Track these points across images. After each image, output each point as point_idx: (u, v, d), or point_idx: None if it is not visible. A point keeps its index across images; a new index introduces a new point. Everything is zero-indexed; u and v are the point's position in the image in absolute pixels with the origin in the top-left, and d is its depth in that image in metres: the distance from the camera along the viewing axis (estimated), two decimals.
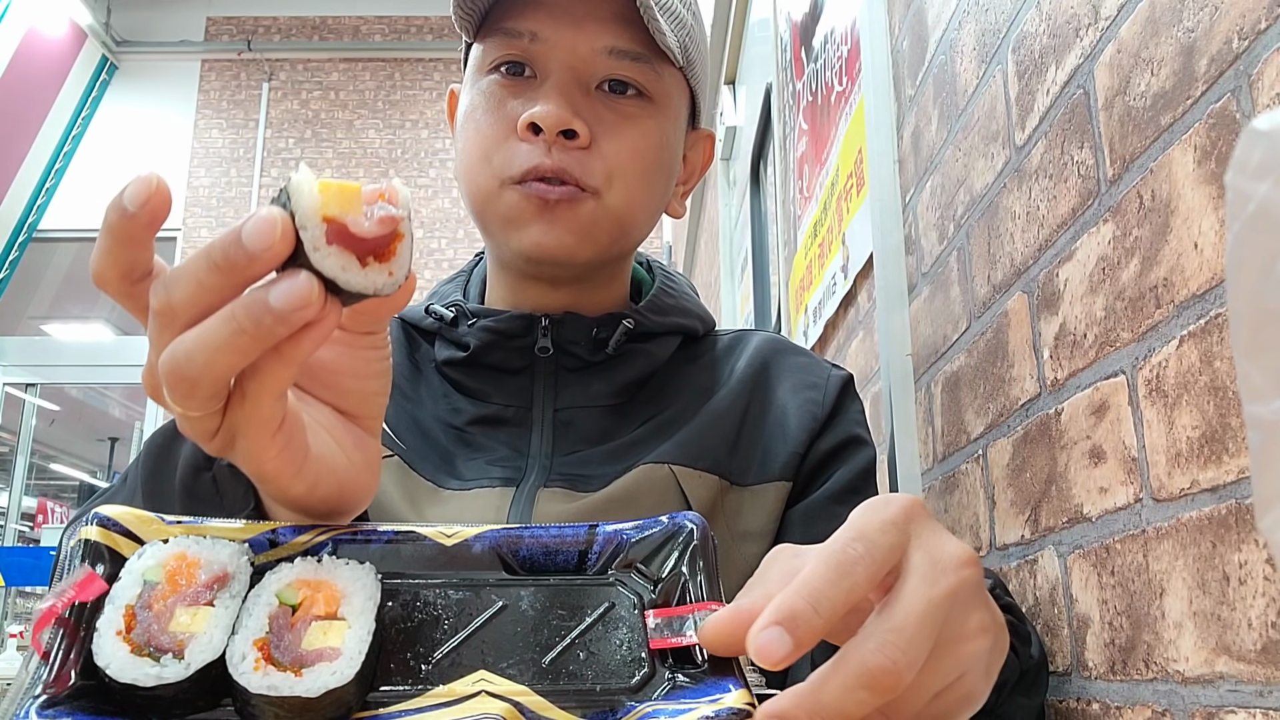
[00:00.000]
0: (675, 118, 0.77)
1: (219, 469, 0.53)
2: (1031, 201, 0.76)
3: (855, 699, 0.37)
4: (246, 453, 0.42)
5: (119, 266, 0.39)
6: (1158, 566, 0.57)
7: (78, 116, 7.61)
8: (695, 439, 0.74)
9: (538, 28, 0.71)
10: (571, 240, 0.71)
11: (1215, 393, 0.51)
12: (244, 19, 8.36)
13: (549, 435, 0.76)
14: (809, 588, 0.37)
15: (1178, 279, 0.55)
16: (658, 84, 0.74)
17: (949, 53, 0.97)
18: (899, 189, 1.17)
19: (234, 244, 0.37)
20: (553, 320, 0.77)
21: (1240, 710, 0.49)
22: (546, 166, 0.70)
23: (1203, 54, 0.52)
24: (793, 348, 0.85)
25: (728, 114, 3.35)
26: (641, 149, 0.73)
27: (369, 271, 0.38)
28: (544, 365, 0.77)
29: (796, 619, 0.37)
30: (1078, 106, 0.68)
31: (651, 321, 0.80)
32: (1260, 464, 0.27)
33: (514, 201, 0.71)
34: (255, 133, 8.14)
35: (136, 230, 0.38)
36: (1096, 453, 0.65)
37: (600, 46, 0.71)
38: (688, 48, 0.75)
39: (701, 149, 0.85)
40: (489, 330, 0.76)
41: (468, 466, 0.74)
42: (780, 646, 0.36)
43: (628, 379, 0.78)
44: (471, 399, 0.77)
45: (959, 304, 0.94)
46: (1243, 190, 0.27)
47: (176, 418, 0.42)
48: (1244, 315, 0.27)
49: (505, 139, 0.72)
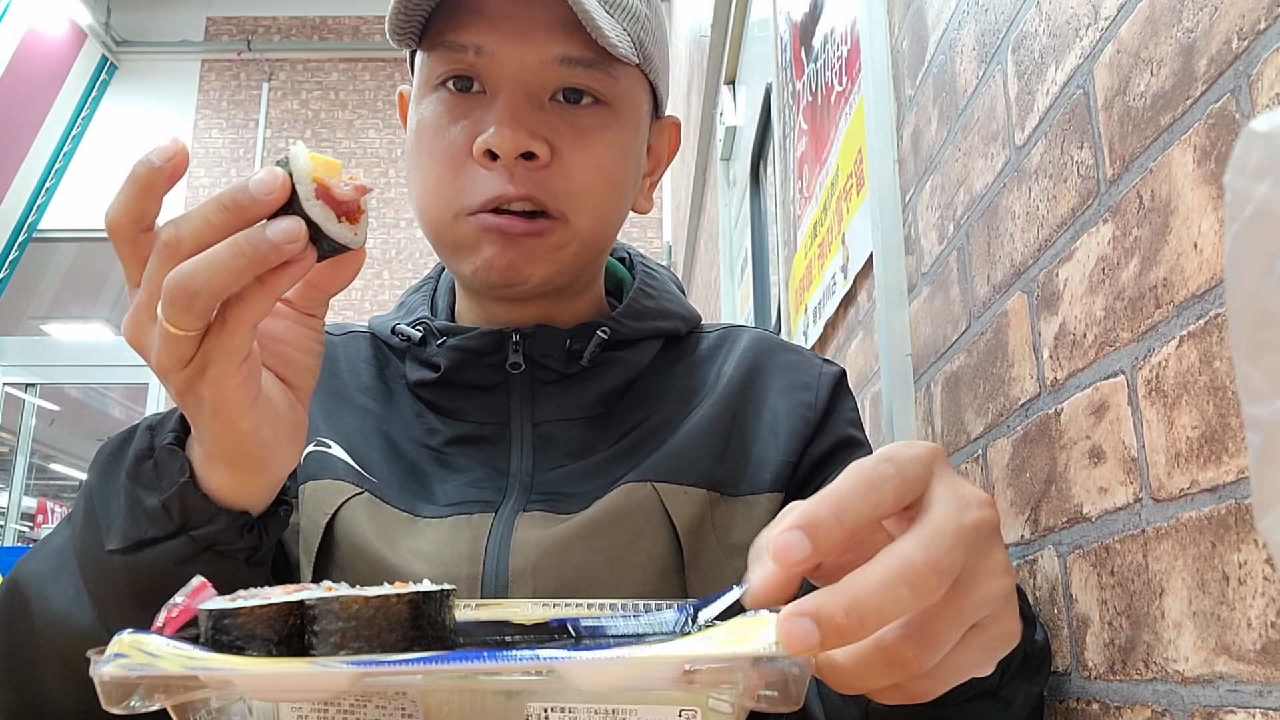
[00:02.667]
0: (635, 119, 0.74)
1: (160, 451, 0.55)
2: (1031, 201, 0.76)
3: (895, 596, 0.35)
4: (214, 380, 0.49)
5: (134, 213, 0.47)
6: (1157, 566, 0.57)
7: (77, 116, 7.61)
8: (680, 452, 0.73)
9: (482, 40, 0.68)
10: (530, 267, 0.69)
11: (1215, 393, 0.51)
12: (244, 19, 8.36)
13: (529, 452, 0.74)
14: (836, 498, 0.37)
15: (1177, 279, 0.55)
16: (614, 88, 0.71)
17: (949, 53, 0.97)
18: (899, 189, 1.17)
19: (241, 190, 0.45)
20: (524, 334, 0.74)
21: (1240, 710, 0.49)
22: (511, 195, 0.67)
23: (1202, 54, 0.52)
24: (781, 345, 0.83)
25: (728, 114, 3.35)
26: (604, 162, 0.71)
27: (342, 227, 0.48)
28: (519, 380, 0.75)
29: (818, 525, 0.36)
30: (1077, 106, 0.68)
31: (628, 328, 0.77)
32: (1260, 465, 0.27)
33: (468, 233, 0.69)
34: (255, 133, 8.14)
35: (158, 181, 0.46)
36: (1096, 453, 0.65)
37: (550, 57, 0.68)
38: (643, 43, 0.72)
39: (666, 137, 0.82)
40: (458, 350, 0.74)
41: (445, 490, 0.72)
42: (799, 549, 0.36)
43: (607, 389, 0.76)
44: (447, 418, 0.76)
45: (959, 304, 0.94)
46: (1241, 191, 0.27)
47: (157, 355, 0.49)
48: (1243, 316, 0.27)
49: (459, 166, 0.69)
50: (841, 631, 0.35)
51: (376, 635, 0.42)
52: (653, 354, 0.79)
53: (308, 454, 0.73)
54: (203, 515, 0.54)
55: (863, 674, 0.37)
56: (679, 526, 0.70)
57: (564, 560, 0.68)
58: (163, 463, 0.55)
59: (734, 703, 0.39)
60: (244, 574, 0.58)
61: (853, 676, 0.37)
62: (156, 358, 0.49)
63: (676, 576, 0.69)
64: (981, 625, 0.39)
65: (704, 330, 0.84)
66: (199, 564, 0.54)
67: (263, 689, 0.42)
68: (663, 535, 0.70)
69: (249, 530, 0.56)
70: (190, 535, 0.54)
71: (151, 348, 0.49)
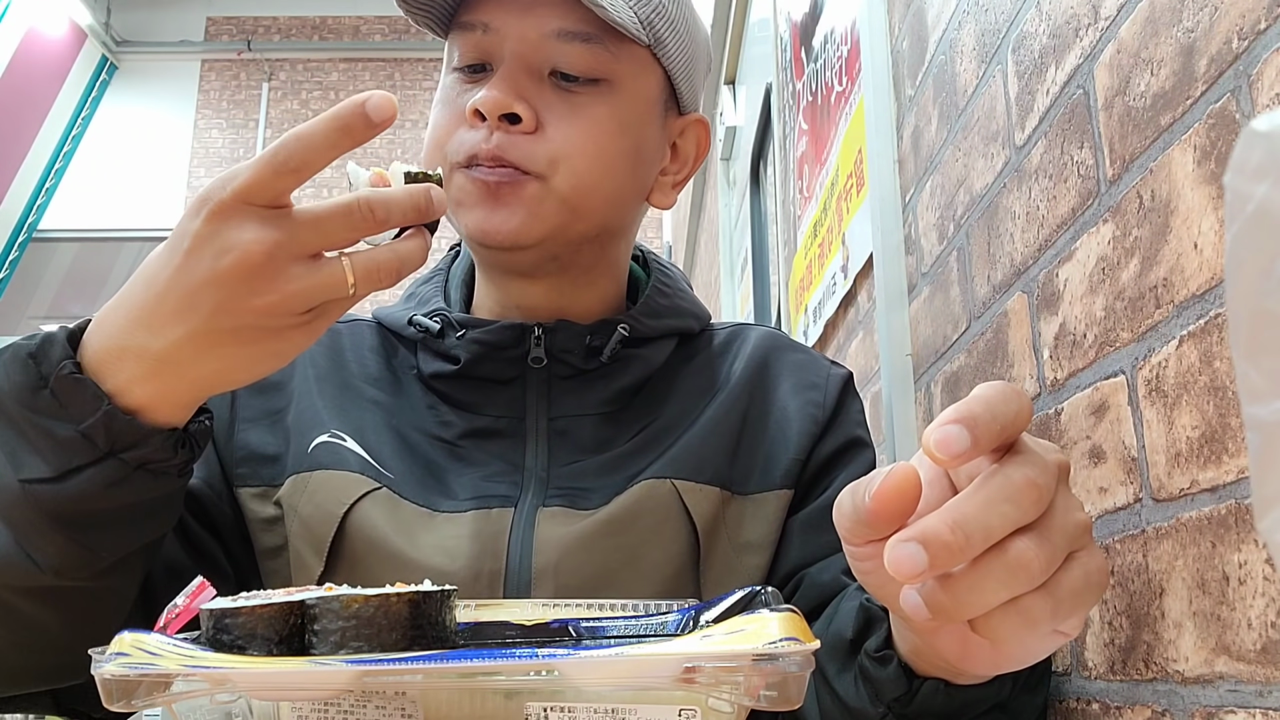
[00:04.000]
0: (637, 98, 0.73)
1: (58, 380, 0.52)
2: (1031, 201, 0.76)
3: (999, 511, 0.36)
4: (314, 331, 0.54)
5: (328, 152, 0.51)
6: (1157, 566, 0.57)
7: (77, 116, 7.61)
8: (695, 449, 0.73)
9: (489, 18, 0.71)
10: (516, 222, 0.69)
11: (1215, 393, 0.51)
12: (244, 19, 8.36)
13: (544, 446, 0.74)
14: (979, 399, 0.38)
15: (1177, 279, 0.55)
16: (613, 65, 0.71)
17: (949, 53, 0.97)
18: (899, 189, 1.17)
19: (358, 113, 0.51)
20: (545, 329, 0.75)
21: (1240, 710, 0.49)
22: (484, 151, 0.69)
23: (1202, 54, 0.52)
24: (790, 344, 0.83)
25: (728, 114, 3.35)
26: (594, 132, 0.71)
27: None
28: (536, 374, 0.75)
29: (976, 420, 0.36)
30: (1077, 106, 0.68)
31: (647, 326, 0.78)
32: (1259, 465, 0.27)
33: (461, 185, 0.70)
34: (255, 133, 8.13)
35: (361, 132, 0.51)
36: (1096, 453, 0.65)
37: (549, 30, 0.70)
38: (654, 23, 0.72)
39: (694, 136, 0.80)
40: (479, 342, 0.74)
41: (460, 483, 0.72)
42: (959, 441, 0.36)
43: (623, 385, 0.76)
44: (462, 411, 0.75)
45: (959, 304, 0.94)
46: (1242, 191, 0.27)
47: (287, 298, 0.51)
48: (1243, 316, 0.27)
49: (454, 128, 0.72)
50: (950, 548, 0.35)
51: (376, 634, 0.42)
52: (668, 352, 0.79)
53: (319, 442, 0.72)
54: (131, 437, 0.53)
55: (984, 586, 0.37)
56: (699, 524, 0.70)
57: (586, 559, 0.68)
58: (66, 391, 0.52)
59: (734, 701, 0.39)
60: (176, 486, 0.57)
61: (975, 591, 0.37)
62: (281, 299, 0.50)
63: (691, 574, 0.70)
64: (1077, 555, 0.40)
65: (715, 328, 0.85)
66: (130, 484, 0.53)
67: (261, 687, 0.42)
68: (681, 532, 0.70)
69: (181, 445, 0.55)
70: (120, 458, 0.53)
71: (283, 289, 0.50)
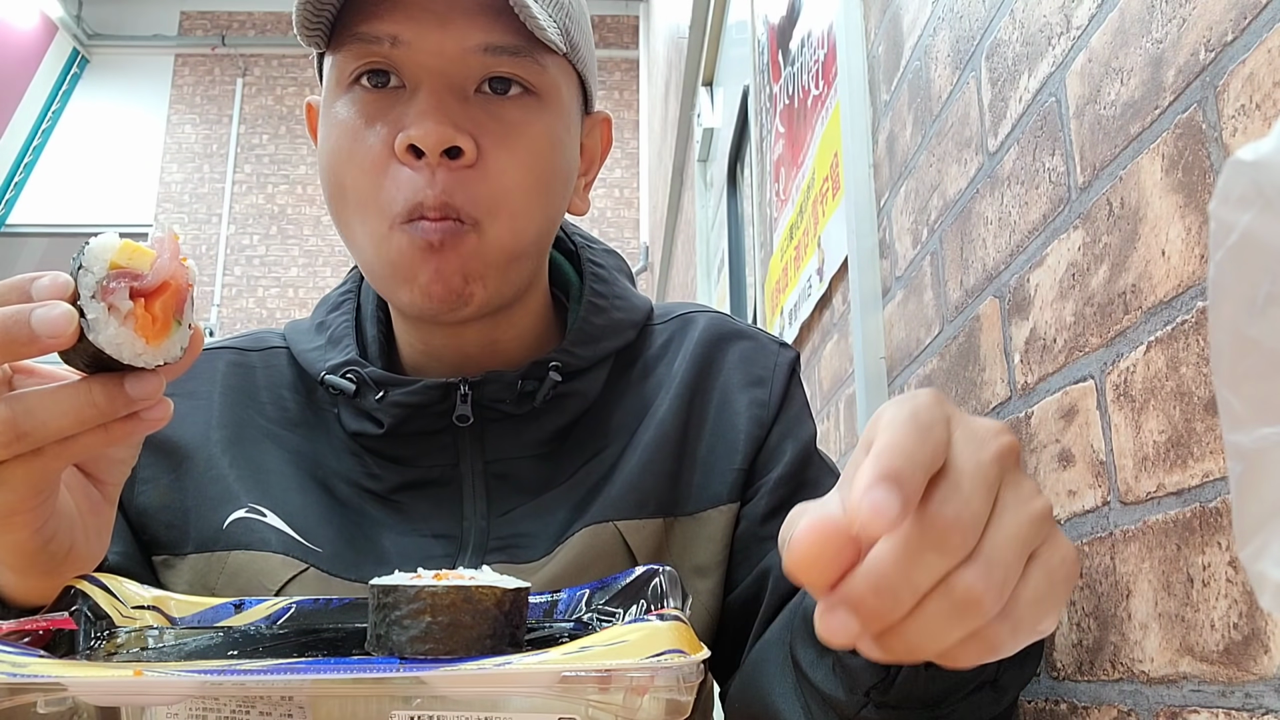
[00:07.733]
0: (566, 111, 0.69)
1: None
2: (1004, 207, 0.77)
3: (924, 564, 0.32)
4: (2, 504, 0.45)
5: None
6: (1124, 569, 0.58)
7: (48, 110, 7.51)
8: (636, 483, 0.70)
9: (397, 30, 0.62)
10: (459, 283, 0.64)
11: (1181, 398, 0.52)
12: (218, 14, 8.28)
13: (483, 493, 0.70)
14: (896, 447, 0.32)
15: (1145, 285, 0.55)
16: (542, 77, 0.66)
17: (924, 59, 0.98)
18: (874, 193, 1.18)
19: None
20: (472, 384, 0.70)
21: (1203, 710, 0.49)
22: (430, 199, 0.62)
23: (1170, 65, 0.53)
24: (736, 331, 0.79)
25: (705, 115, 3.36)
26: (532, 162, 0.66)
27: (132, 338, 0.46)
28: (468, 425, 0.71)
29: (900, 475, 0.32)
30: (1049, 114, 0.69)
31: (581, 359, 0.73)
32: (1240, 493, 0.27)
33: (403, 247, 0.63)
34: (229, 128, 8.06)
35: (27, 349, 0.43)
36: (1065, 456, 0.65)
37: (472, 45, 0.63)
38: (569, 30, 0.67)
39: (599, 134, 0.77)
40: (401, 405, 0.69)
41: (397, 545, 0.68)
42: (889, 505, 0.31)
43: (559, 425, 0.72)
44: (392, 464, 0.71)
45: (932, 308, 0.95)
46: (1226, 220, 0.27)
47: None
48: (1225, 344, 0.27)
49: (383, 169, 0.63)
50: (878, 612, 0.32)
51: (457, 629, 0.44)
52: (605, 376, 0.75)
53: (236, 519, 0.67)
54: None
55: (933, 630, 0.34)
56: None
57: None
58: None
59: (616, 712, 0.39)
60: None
61: (925, 636, 0.34)
62: None
63: None
64: (1038, 555, 0.36)
65: (656, 324, 0.80)
66: None
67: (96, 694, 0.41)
68: None
69: None
70: None
71: None
